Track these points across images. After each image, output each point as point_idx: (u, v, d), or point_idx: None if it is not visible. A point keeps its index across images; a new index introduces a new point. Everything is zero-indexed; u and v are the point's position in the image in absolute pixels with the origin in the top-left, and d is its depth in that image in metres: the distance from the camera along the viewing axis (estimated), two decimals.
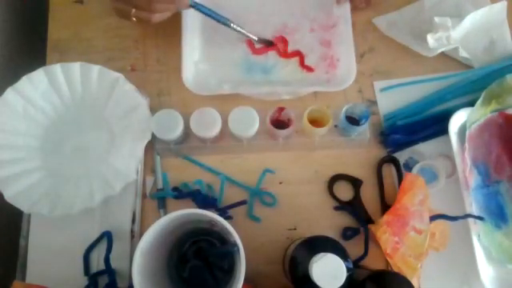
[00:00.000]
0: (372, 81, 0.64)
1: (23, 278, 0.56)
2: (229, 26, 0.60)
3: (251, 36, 0.62)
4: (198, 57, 0.63)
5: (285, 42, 0.64)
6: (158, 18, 0.54)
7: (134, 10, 0.53)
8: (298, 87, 0.61)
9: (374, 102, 0.63)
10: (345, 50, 0.61)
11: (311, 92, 0.63)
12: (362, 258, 0.55)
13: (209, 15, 0.59)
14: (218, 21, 0.59)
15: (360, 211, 0.59)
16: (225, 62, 0.63)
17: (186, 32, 0.61)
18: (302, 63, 0.64)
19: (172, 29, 0.62)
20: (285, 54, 0.64)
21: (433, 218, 0.55)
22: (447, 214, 0.55)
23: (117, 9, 0.55)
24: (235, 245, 0.44)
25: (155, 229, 0.44)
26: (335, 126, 0.60)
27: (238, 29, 0.61)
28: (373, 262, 0.56)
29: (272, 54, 0.64)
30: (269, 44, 0.64)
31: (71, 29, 0.66)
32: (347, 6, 0.63)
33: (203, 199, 0.57)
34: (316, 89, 0.61)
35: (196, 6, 0.57)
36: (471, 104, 0.59)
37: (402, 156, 0.60)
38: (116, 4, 0.54)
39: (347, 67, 0.60)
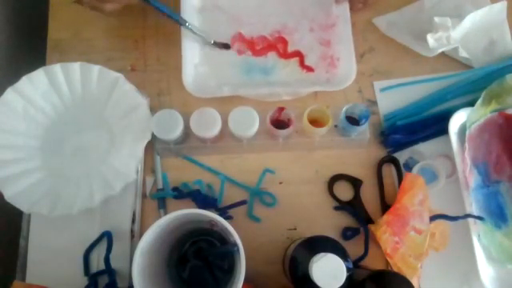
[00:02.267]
0: (372, 81, 0.64)
1: (23, 278, 0.56)
2: (183, 25, 0.60)
3: (205, 37, 0.62)
4: (197, 59, 0.63)
5: (284, 42, 0.64)
6: (109, 7, 0.56)
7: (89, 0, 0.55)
8: (298, 87, 0.61)
9: (374, 102, 0.63)
10: (345, 49, 0.61)
11: (311, 92, 0.63)
12: (362, 258, 0.55)
13: (161, 10, 0.59)
14: (171, 18, 0.60)
15: (360, 211, 0.59)
16: (224, 64, 0.63)
17: (186, 35, 0.61)
18: (301, 63, 0.63)
19: (172, 28, 0.62)
20: (284, 55, 0.64)
21: (433, 218, 0.55)
22: (447, 213, 0.55)
23: None
24: (235, 245, 0.44)
25: (155, 229, 0.44)
26: (335, 126, 0.60)
27: (192, 29, 0.60)
28: (373, 262, 0.56)
29: (272, 55, 0.64)
30: (226, 47, 0.63)
31: (71, 29, 0.66)
32: (346, 6, 0.63)
33: (203, 199, 0.57)
34: (316, 89, 0.61)
35: (147, 0, 0.57)
36: (471, 104, 0.59)
37: (402, 156, 0.60)
38: None
39: (347, 66, 0.61)
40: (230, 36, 0.65)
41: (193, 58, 0.62)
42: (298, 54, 0.64)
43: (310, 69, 0.63)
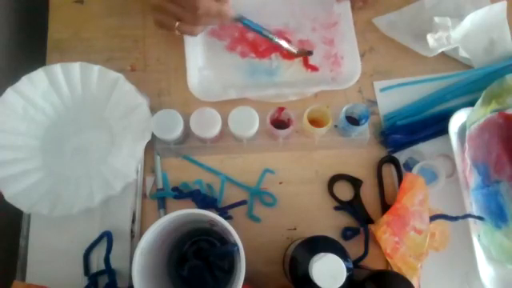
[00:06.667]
0: (372, 81, 0.64)
1: (23, 278, 0.56)
2: (272, 40, 0.61)
3: (291, 49, 0.62)
4: (201, 63, 0.63)
5: (288, 42, 0.64)
6: (200, 30, 0.57)
7: (177, 24, 0.55)
8: (304, 87, 0.61)
9: (374, 102, 0.63)
10: (348, 47, 0.62)
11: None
12: (362, 257, 0.55)
13: (253, 29, 0.60)
14: (261, 34, 0.61)
15: (360, 211, 0.59)
16: (228, 67, 0.63)
17: (189, 39, 0.61)
18: (305, 63, 0.63)
19: None
20: (288, 55, 0.64)
21: (433, 217, 0.55)
22: (447, 214, 0.56)
23: (157, 20, 0.57)
24: (235, 245, 0.44)
25: (155, 229, 0.44)
26: (335, 126, 0.60)
27: (281, 43, 0.61)
28: (373, 262, 0.56)
29: (275, 56, 0.64)
30: (308, 54, 0.63)
31: (71, 29, 0.66)
32: (347, 4, 0.63)
33: (203, 199, 0.57)
34: (323, 88, 0.60)
35: (240, 20, 0.58)
36: (471, 104, 0.59)
37: (402, 156, 0.60)
38: (159, 17, 0.56)
39: (352, 64, 0.61)
40: (232, 37, 0.65)
41: (196, 62, 0.62)
42: None
43: (314, 68, 0.63)
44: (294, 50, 0.62)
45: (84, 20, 0.66)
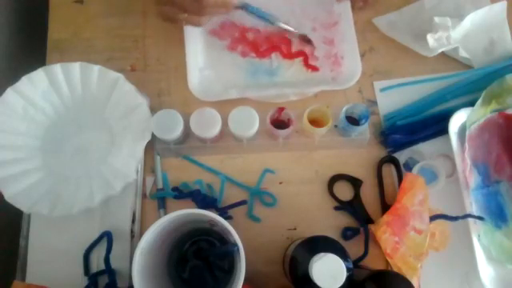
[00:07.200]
0: (372, 81, 0.64)
1: (23, 278, 0.56)
2: (276, 24, 0.62)
3: (293, 31, 0.63)
4: (202, 63, 0.63)
5: (288, 42, 0.64)
6: (206, 20, 0.57)
7: (185, 15, 0.55)
8: (304, 87, 0.61)
9: (374, 102, 0.63)
10: (348, 47, 0.62)
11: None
12: (362, 257, 0.55)
13: (258, 15, 0.60)
14: (266, 20, 0.61)
15: (360, 211, 0.59)
16: (229, 67, 0.63)
17: (189, 39, 0.61)
18: (306, 63, 0.64)
19: (172, 28, 0.62)
20: (289, 55, 0.64)
21: (433, 217, 0.55)
22: (447, 214, 0.56)
23: (162, 12, 0.56)
24: (235, 245, 0.44)
25: (155, 229, 0.44)
26: (335, 126, 0.60)
27: (286, 27, 0.62)
28: (373, 262, 0.56)
29: (276, 56, 0.64)
30: (309, 41, 0.64)
31: (71, 29, 0.66)
32: (347, 3, 0.63)
33: (203, 199, 0.57)
34: (323, 88, 0.60)
35: (244, 7, 0.59)
36: (471, 104, 0.59)
37: (402, 156, 0.60)
38: (164, 9, 0.56)
39: (352, 64, 0.61)
40: (232, 37, 0.65)
41: (197, 62, 0.62)
42: (302, 54, 0.64)
43: (314, 68, 0.63)
44: (296, 32, 0.63)
45: (84, 20, 0.66)
